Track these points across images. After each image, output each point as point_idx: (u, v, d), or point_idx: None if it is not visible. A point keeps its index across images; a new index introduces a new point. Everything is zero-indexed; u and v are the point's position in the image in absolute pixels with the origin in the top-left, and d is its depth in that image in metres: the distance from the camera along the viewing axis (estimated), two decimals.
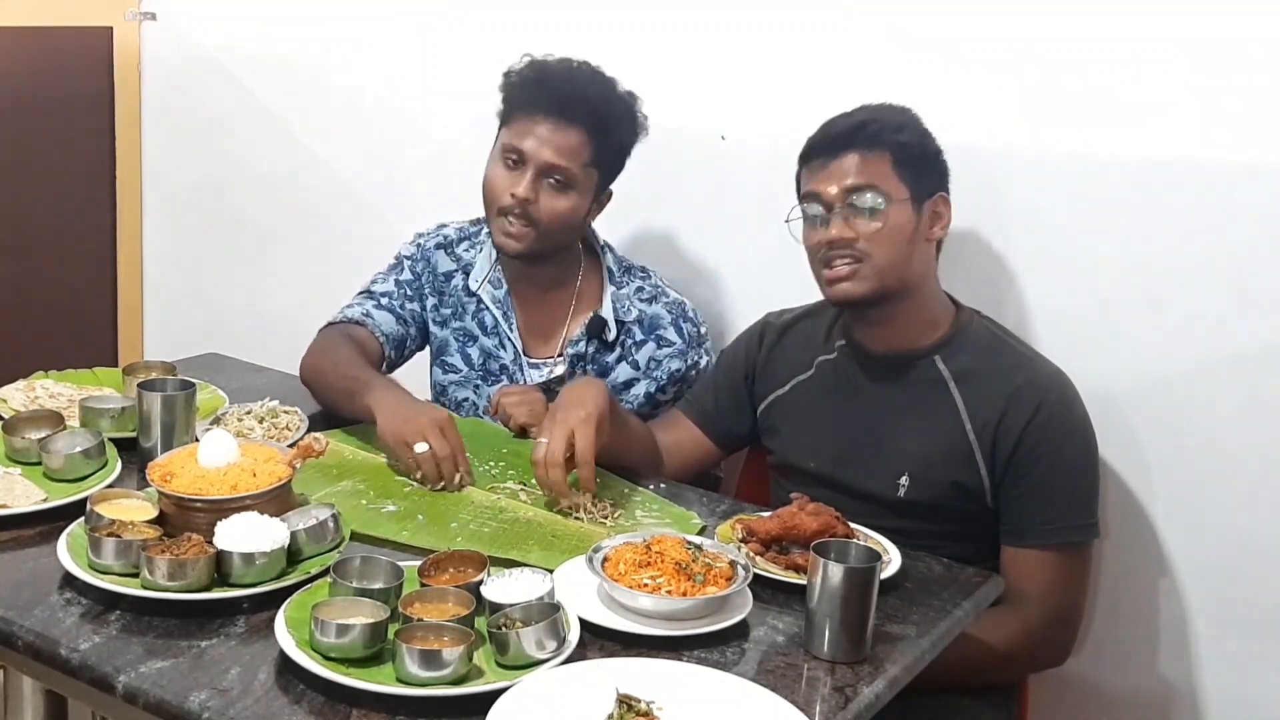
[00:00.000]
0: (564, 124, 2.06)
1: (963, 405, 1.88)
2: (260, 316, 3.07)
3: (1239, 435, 1.98)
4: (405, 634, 1.35)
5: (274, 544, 1.50)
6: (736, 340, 2.18)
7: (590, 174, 2.11)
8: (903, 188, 1.87)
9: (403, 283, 2.27)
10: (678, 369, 2.20)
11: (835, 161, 1.88)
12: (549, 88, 2.09)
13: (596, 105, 2.09)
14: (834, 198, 1.87)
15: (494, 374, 2.24)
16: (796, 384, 2.05)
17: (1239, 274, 1.94)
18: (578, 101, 2.07)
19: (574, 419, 1.78)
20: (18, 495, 1.67)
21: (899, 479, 1.90)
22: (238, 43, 3.06)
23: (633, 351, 2.20)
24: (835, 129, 1.92)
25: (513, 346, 2.22)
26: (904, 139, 1.89)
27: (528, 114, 2.08)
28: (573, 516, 1.78)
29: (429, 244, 2.28)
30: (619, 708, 1.28)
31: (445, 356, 2.27)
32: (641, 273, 2.26)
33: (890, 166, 1.87)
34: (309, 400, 2.13)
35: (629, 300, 2.21)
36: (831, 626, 1.46)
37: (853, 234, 1.85)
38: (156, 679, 1.33)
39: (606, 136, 2.11)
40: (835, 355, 2.02)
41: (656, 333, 2.20)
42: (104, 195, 3.25)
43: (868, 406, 1.96)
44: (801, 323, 2.10)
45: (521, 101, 2.10)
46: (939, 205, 1.93)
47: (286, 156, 3.03)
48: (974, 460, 1.87)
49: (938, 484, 1.88)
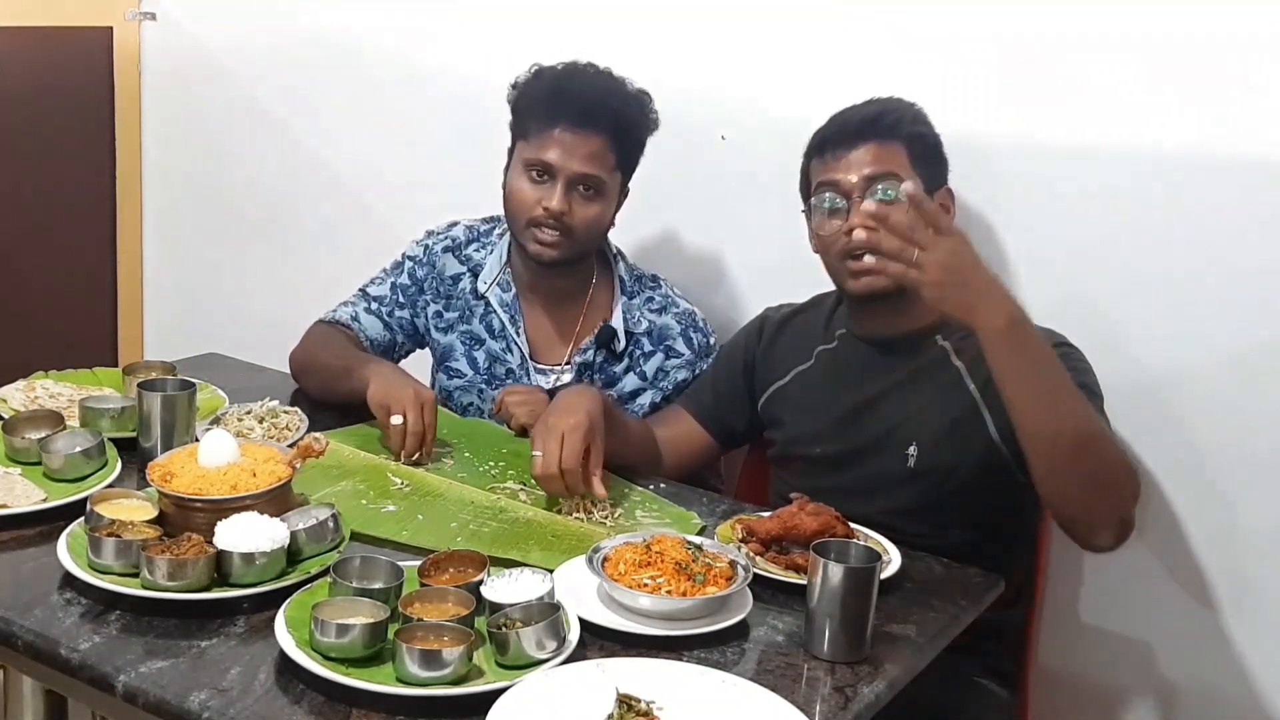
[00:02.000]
0: (587, 132, 2.05)
1: (965, 370, 1.89)
2: (261, 316, 3.07)
3: (1240, 436, 1.99)
4: (405, 634, 1.34)
5: (274, 544, 1.50)
6: (735, 335, 2.18)
7: (616, 177, 2.12)
8: (918, 179, 1.85)
9: (398, 287, 2.26)
10: (684, 379, 2.19)
11: (853, 151, 1.88)
12: (567, 97, 2.07)
13: (616, 109, 2.08)
14: (853, 186, 1.87)
15: (500, 378, 2.23)
16: (796, 374, 2.05)
17: (1255, 269, 1.94)
18: (598, 108, 2.06)
19: (564, 426, 1.79)
20: (18, 495, 1.67)
21: (907, 449, 1.90)
22: (238, 42, 3.06)
23: (641, 362, 2.20)
24: (850, 119, 1.92)
25: (519, 351, 2.21)
26: (918, 130, 1.91)
27: (549, 125, 2.06)
28: (574, 517, 1.79)
29: (436, 247, 2.27)
30: (619, 708, 1.28)
31: (450, 362, 2.26)
32: (652, 282, 2.26)
33: (906, 158, 1.88)
34: (309, 400, 2.13)
35: (639, 311, 2.21)
36: (831, 626, 1.46)
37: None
38: (156, 679, 1.33)
39: (627, 138, 2.10)
40: (836, 344, 2.03)
41: (665, 344, 2.20)
42: (104, 195, 3.25)
43: (872, 388, 1.96)
44: (799, 316, 2.11)
45: (539, 113, 2.08)
46: (945, 198, 1.94)
47: (286, 156, 3.03)
48: (980, 415, 1.86)
49: (946, 447, 1.88)
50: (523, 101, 2.12)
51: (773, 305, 2.16)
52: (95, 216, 3.26)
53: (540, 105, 2.08)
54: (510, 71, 2.17)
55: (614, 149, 2.08)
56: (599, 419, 1.82)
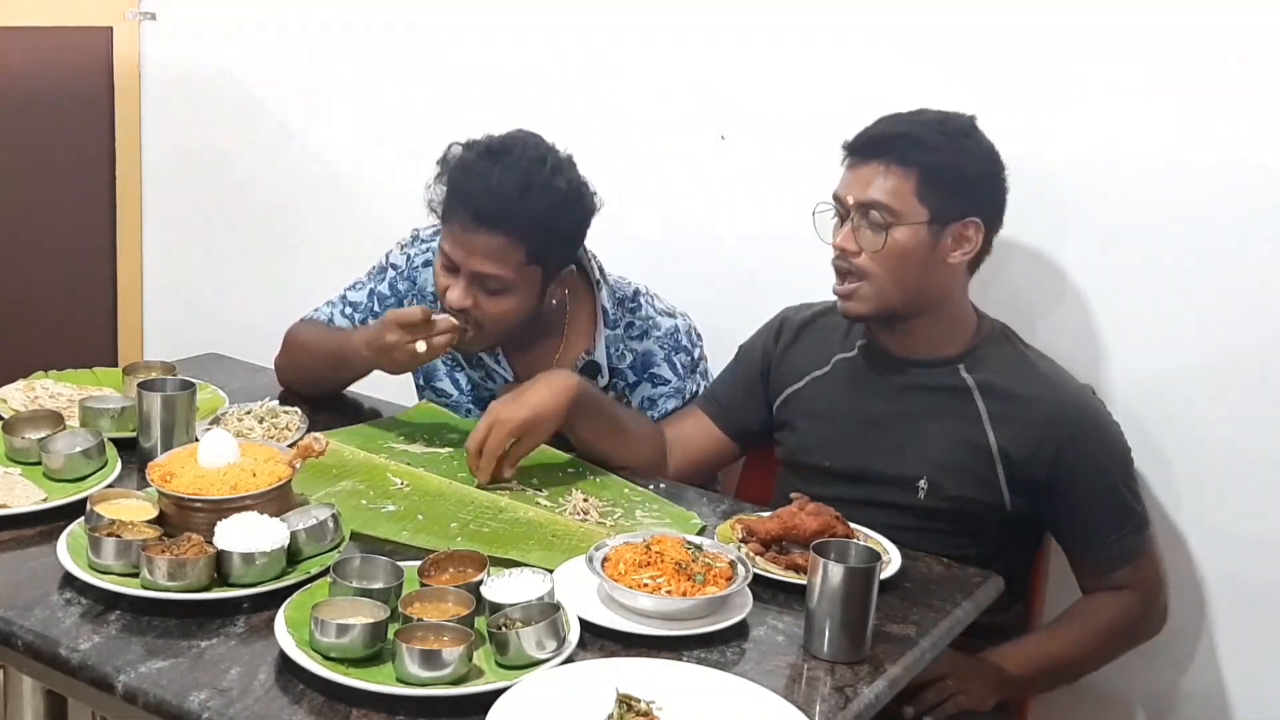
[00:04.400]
0: (485, 230, 1.92)
1: (986, 415, 1.88)
2: (261, 316, 3.06)
3: (1241, 436, 1.99)
4: (405, 634, 1.35)
5: (274, 544, 1.50)
6: (754, 335, 2.15)
7: (531, 271, 1.98)
8: (922, 209, 1.82)
9: (376, 294, 2.20)
10: (674, 408, 2.15)
11: (862, 167, 1.86)
12: (467, 192, 1.95)
13: (516, 207, 1.92)
14: (849, 206, 1.86)
15: (484, 399, 2.15)
16: (812, 380, 2.03)
17: (1256, 269, 1.94)
18: (493, 205, 1.92)
19: (502, 415, 1.85)
20: (18, 495, 1.67)
21: (918, 482, 1.89)
22: (238, 43, 3.06)
23: (627, 394, 2.15)
24: (876, 132, 1.88)
25: (501, 378, 2.16)
26: (936, 160, 1.83)
27: (450, 218, 1.97)
28: (575, 518, 1.78)
29: (418, 260, 2.19)
30: (619, 708, 1.28)
31: (435, 382, 2.21)
32: (632, 302, 2.15)
33: (913, 186, 1.82)
34: (309, 401, 2.13)
35: (621, 343, 2.13)
36: (831, 626, 1.46)
37: (855, 247, 1.85)
38: (156, 679, 1.33)
39: (539, 235, 1.95)
40: (854, 354, 2.01)
41: (650, 371, 2.14)
42: (104, 195, 3.25)
43: (887, 407, 1.95)
44: (820, 319, 2.07)
45: (448, 203, 1.99)
46: (968, 229, 1.86)
47: (286, 156, 3.03)
48: (994, 470, 1.87)
49: (956, 490, 1.88)
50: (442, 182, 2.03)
51: (792, 305, 2.14)
52: (95, 216, 3.25)
53: (450, 194, 1.99)
54: (510, 72, 2.18)
55: (522, 246, 1.94)
56: (548, 418, 1.86)
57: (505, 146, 1.98)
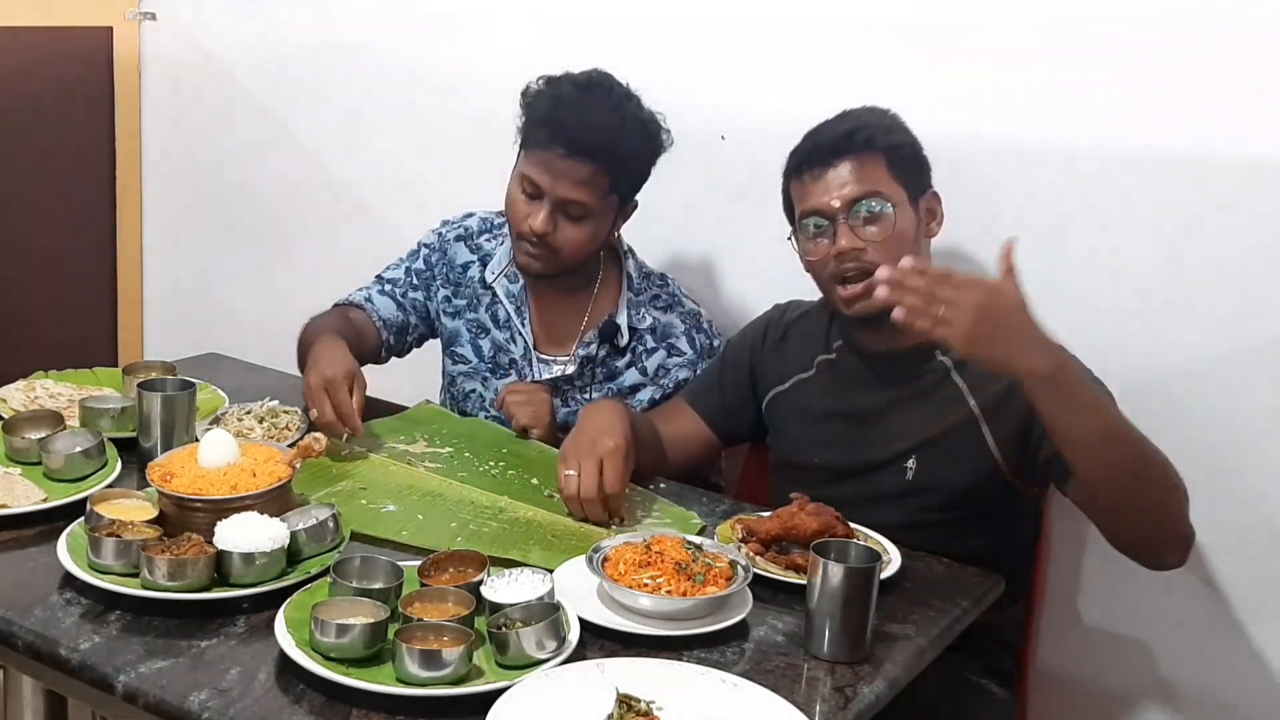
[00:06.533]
0: (579, 159, 2.01)
1: (965, 387, 1.88)
2: (261, 316, 3.07)
3: (1241, 435, 1.99)
4: (405, 634, 1.35)
5: (274, 544, 1.50)
6: (742, 333, 2.17)
7: (609, 200, 2.08)
8: (900, 190, 1.86)
9: (413, 270, 2.28)
10: (685, 379, 2.19)
11: (830, 171, 1.86)
12: (561, 122, 2.02)
13: (611, 137, 2.02)
14: (836, 210, 1.85)
15: (503, 367, 2.24)
16: (797, 381, 2.05)
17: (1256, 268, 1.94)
18: (592, 135, 2.00)
19: (603, 449, 1.78)
20: (18, 495, 1.67)
21: (905, 464, 1.90)
22: (238, 42, 3.06)
23: (643, 359, 2.19)
24: (824, 137, 1.90)
25: (524, 341, 2.22)
26: (896, 140, 1.89)
27: (542, 146, 2.03)
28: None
29: (449, 235, 2.29)
30: (619, 708, 1.28)
31: (456, 347, 2.28)
32: (660, 280, 2.25)
33: (885, 170, 1.86)
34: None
35: (645, 308, 2.20)
36: (831, 626, 1.46)
37: (860, 244, 1.84)
38: (156, 679, 1.33)
39: (623, 164, 2.06)
40: (834, 356, 2.02)
41: (669, 341, 2.20)
42: (104, 195, 3.25)
43: (870, 402, 1.96)
44: (804, 320, 2.09)
45: (537, 131, 2.05)
46: (931, 202, 1.93)
47: (286, 156, 3.03)
48: (980, 432, 1.86)
49: (945, 461, 1.88)
50: (528, 112, 2.10)
51: (780, 302, 2.14)
52: (95, 216, 3.26)
53: (539, 123, 2.06)
54: (510, 72, 2.17)
55: (608, 175, 2.04)
56: (631, 438, 1.82)
57: (594, 81, 2.07)
